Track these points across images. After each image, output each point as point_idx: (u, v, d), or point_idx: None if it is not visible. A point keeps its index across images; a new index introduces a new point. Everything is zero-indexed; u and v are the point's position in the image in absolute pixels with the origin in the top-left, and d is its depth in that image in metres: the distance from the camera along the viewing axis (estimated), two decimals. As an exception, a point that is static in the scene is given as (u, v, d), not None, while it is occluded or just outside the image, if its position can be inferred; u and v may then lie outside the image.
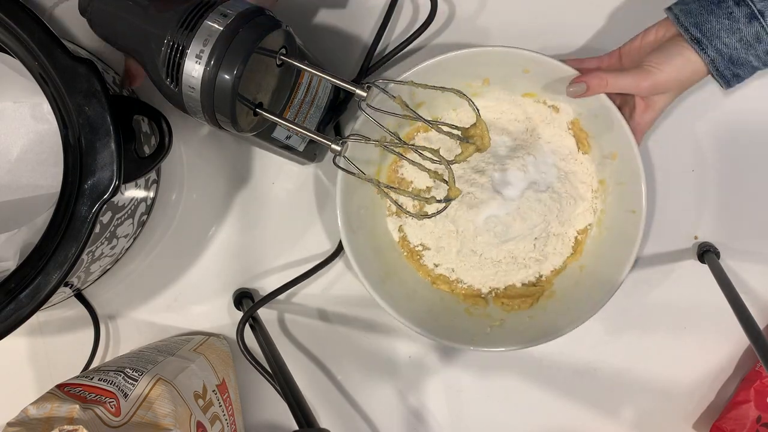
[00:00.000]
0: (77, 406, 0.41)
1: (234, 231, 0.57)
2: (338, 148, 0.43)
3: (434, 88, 0.43)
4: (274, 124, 0.47)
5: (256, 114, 0.43)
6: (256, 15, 0.41)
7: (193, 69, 0.39)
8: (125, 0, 0.42)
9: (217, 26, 0.39)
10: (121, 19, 0.42)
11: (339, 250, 0.55)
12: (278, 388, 0.51)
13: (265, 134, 0.48)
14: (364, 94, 0.42)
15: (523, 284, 0.55)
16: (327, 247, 0.57)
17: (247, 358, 0.52)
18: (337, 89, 0.52)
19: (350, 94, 0.49)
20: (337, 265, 0.57)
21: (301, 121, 0.50)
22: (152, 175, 0.53)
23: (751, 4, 0.42)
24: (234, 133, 0.44)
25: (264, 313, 0.56)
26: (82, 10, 0.43)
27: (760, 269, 0.57)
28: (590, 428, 0.58)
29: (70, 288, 0.52)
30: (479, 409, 0.58)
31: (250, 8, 0.41)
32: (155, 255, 0.57)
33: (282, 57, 0.43)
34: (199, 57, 0.39)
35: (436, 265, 0.55)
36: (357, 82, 0.48)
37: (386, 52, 0.55)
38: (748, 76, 0.45)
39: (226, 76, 0.39)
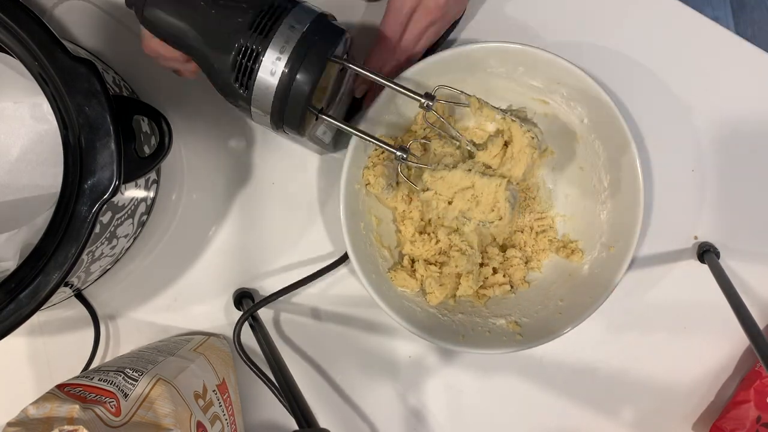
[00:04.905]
0: (77, 406, 0.41)
1: (234, 231, 0.57)
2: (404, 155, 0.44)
3: (495, 108, 0.43)
4: (319, 123, 0.47)
5: (317, 118, 0.43)
6: (326, 21, 0.41)
7: (268, 76, 0.39)
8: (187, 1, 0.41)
9: (293, 33, 0.39)
10: (182, 18, 0.41)
11: (345, 257, 0.55)
12: (273, 389, 0.51)
13: (311, 133, 0.48)
14: (432, 103, 0.43)
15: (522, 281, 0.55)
16: (328, 247, 0.57)
17: (244, 360, 0.52)
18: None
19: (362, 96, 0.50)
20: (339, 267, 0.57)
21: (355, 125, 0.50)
22: (152, 175, 0.53)
23: None
24: (287, 135, 0.44)
25: (263, 313, 0.56)
26: (129, 2, 0.41)
27: (760, 269, 0.57)
28: (590, 428, 0.58)
29: (70, 288, 0.52)
30: (479, 409, 0.58)
31: (320, 14, 0.41)
32: (155, 255, 0.57)
33: (352, 66, 0.43)
34: (274, 64, 0.39)
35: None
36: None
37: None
38: None
39: (303, 84, 0.39)
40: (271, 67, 0.39)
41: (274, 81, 0.39)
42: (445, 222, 0.52)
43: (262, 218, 0.57)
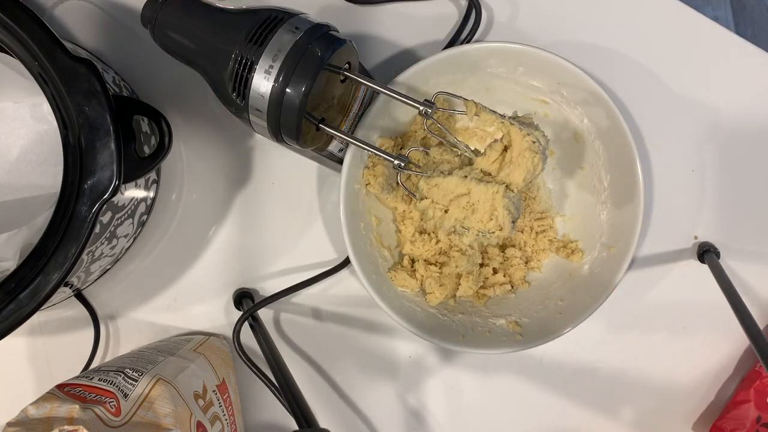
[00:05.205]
0: (77, 406, 0.41)
1: (234, 231, 0.57)
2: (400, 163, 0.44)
3: (493, 113, 0.43)
4: (332, 138, 0.47)
5: (318, 129, 0.43)
6: (323, 31, 0.41)
7: (261, 84, 0.40)
8: (191, 14, 0.42)
9: (286, 42, 0.39)
10: (186, 32, 0.42)
11: (347, 261, 0.55)
12: (273, 389, 0.51)
13: (322, 147, 0.48)
14: (431, 110, 0.43)
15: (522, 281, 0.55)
16: (328, 247, 0.57)
17: (244, 360, 0.52)
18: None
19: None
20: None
21: (351, 133, 0.50)
22: (152, 175, 0.53)
23: None
24: (293, 148, 0.44)
25: (263, 313, 0.56)
26: (145, 22, 0.43)
27: (760, 269, 0.57)
28: (590, 428, 0.58)
29: (70, 288, 0.52)
30: (479, 409, 0.58)
31: (317, 25, 0.41)
32: (155, 255, 0.57)
33: (346, 73, 0.43)
34: (267, 72, 0.39)
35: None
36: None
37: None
38: None
39: (295, 93, 0.39)
40: (264, 75, 0.40)
41: (267, 88, 0.40)
42: (441, 232, 0.52)
43: (262, 218, 0.57)
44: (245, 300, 0.56)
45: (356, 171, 0.50)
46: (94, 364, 0.56)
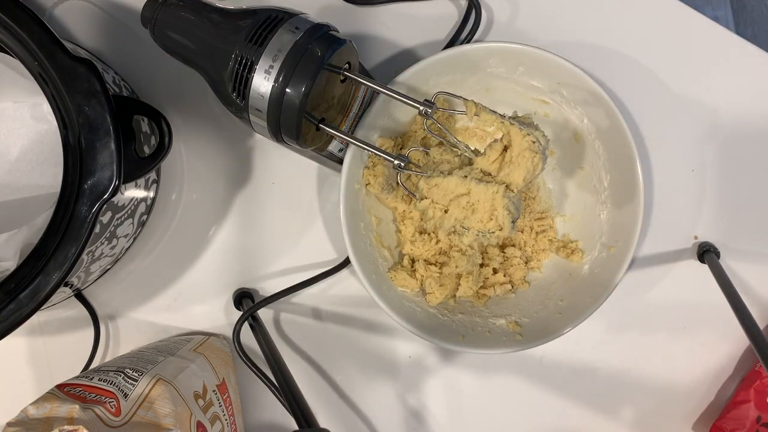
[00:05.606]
0: (77, 406, 0.41)
1: (234, 231, 0.57)
2: (400, 163, 0.44)
3: (493, 113, 0.43)
4: (332, 138, 0.47)
5: (318, 129, 0.43)
6: (323, 31, 0.41)
7: (261, 84, 0.40)
8: (191, 14, 0.42)
9: (286, 42, 0.40)
10: (186, 32, 0.42)
11: (347, 261, 0.55)
12: (273, 389, 0.51)
13: (322, 147, 0.48)
14: (431, 110, 0.43)
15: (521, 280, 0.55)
16: (328, 247, 0.57)
17: (244, 360, 0.52)
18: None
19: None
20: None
21: (351, 133, 0.50)
22: (152, 175, 0.53)
23: None
24: (293, 148, 0.44)
25: (263, 313, 0.56)
26: (144, 21, 0.43)
27: (760, 269, 0.57)
28: (590, 428, 0.58)
29: (70, 288, 0.52)
30: (479, 409, 0.58)
31: (317, 25, 0.41)
32: (155, 255, 0.57)
33: (346, 73, 0.43)
34: (267, 72, 0.40)
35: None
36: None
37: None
38: None
39: (295, 93, 0.40)
40: (264, 75, 0.40)
41: (267, 88, 0.40)
42: (441, 232, 0.52)
43: (262, 218, 0.57)
44: (245, 300, 0.56)
45: (356, 171, 0.50)
46: (94, 364, 0.56)
